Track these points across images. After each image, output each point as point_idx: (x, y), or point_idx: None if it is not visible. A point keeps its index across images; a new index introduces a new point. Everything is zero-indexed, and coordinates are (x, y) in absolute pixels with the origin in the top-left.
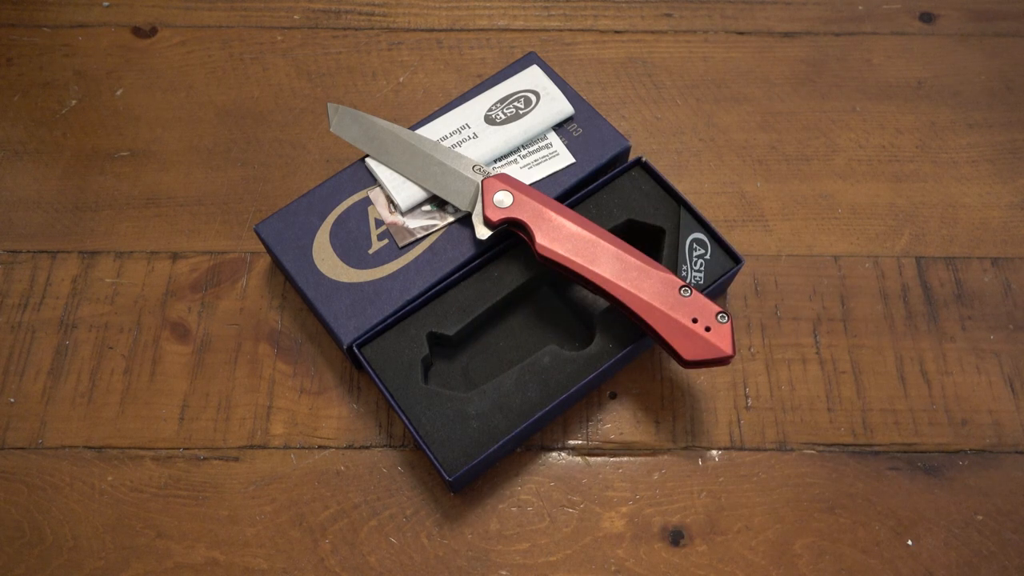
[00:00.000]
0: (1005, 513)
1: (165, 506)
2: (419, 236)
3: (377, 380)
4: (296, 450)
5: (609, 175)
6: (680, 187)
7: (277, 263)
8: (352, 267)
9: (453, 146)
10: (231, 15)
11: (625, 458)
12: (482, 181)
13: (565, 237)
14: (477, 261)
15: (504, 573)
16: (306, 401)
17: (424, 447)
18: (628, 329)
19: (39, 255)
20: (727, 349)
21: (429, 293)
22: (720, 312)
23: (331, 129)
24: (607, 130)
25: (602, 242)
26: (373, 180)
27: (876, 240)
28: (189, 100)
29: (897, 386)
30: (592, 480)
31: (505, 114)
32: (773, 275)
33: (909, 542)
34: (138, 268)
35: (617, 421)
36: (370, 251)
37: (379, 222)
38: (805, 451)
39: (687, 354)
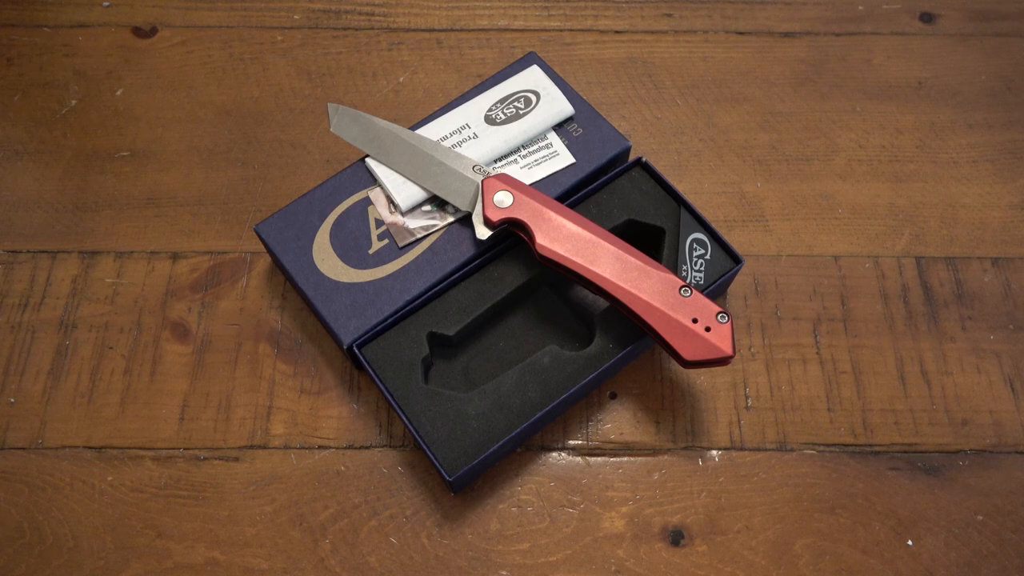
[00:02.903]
0: (1005, 513)
1: (165, 506)
2: (419, 236)
3: (377, 380)
4: (296, 450)
5: (609, 175)
6: (680, 187)
7: (277, 263)
8: (352, 267)
9: (453, 146)
10: (231, 15)
11: (625, 458)
12: (482, 181)
13: (565, 237)
14: (477, 261)
15: (504, 573)
16: (306, 401)
17: (424, 447)
18: (628, 329)
19: (39, 255)
20: (727, 349)
21: (429, 293)
22: (720, 312)
23: (331, 129)
24: (607, 130)
25: (602, 242)
26: (373, 180)
27: (876, 240)
28: (189, 100)
29: (897, 386)
30: (592, 480)
31: (505, 114)
32: (773, 275)
33: (909, 542)
34: (138, 268)
35: (617, 421)
36: (370, 251)
37: (379, 222)
38: (805, 451)
39: (687, 354)
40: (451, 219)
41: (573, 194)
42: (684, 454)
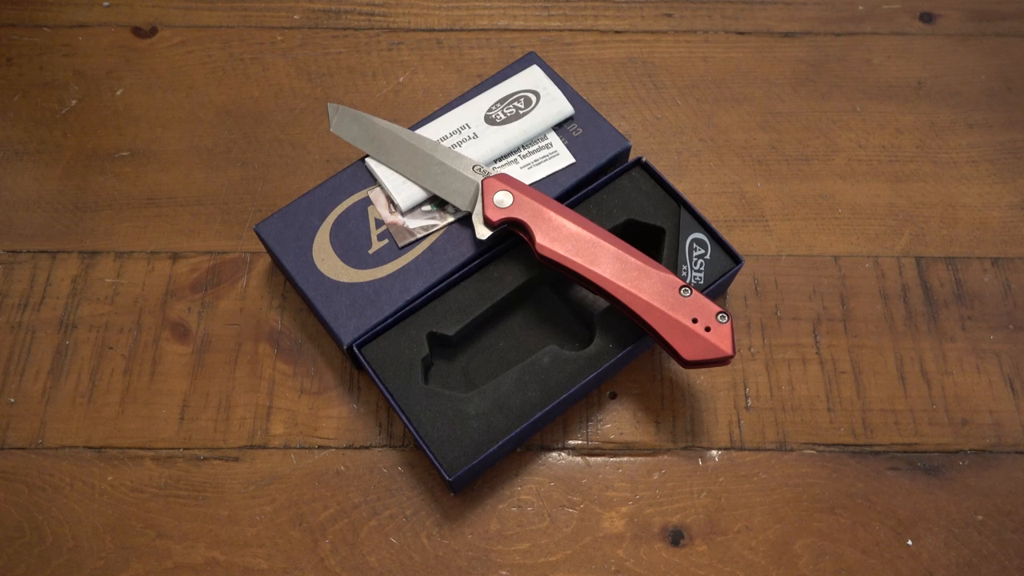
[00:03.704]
0: (1005, 513)
1: (165, 506)
2: (419, 236)
3: (377, 380)
4: (296, 450)
5: (609, 175)
6: (680, 187)
7: (277, 263)
8: (352, 267)
9: (453, 146)
10: (231, 15)
11: (625, 458)
12: (482, 181)
13: (565, 237)
14: (477, 261)
15: (504, 573)
16: (306, 401)
17: (424, 447)
18: (628, 329)
19: (39, 255)
20: (727, 349)
21: (429, 293)
22: (720, 312)
23: (331, 129)
24: (607, 130)
25: (602, 242)
26: (373, 180)
27: (876, 240)
28: (189, 100)
29: (897, 386)
30: (592, 480)
31: (505, 114)
32: (773, 275)
33: (909, 542)
34: (138, 268)
35: (617, 421)
36: (370, 251)
37: (379, 222)
38: (805, 451)
39: (687, 354)
40: (451, 219)
41: (573, 194)
42: (684, 454)
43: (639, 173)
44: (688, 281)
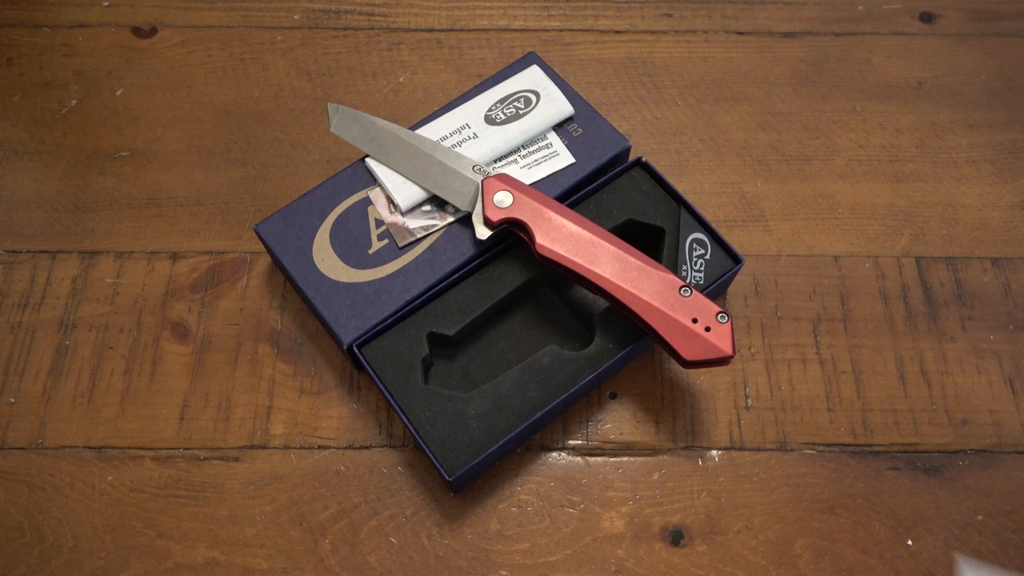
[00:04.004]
0: (1005, 513)
1: (165, 506)
2: (419, 236)
3: (377, 380)
4: (296, 450)
5: (609, 175)
6: (680, 187)
7: (277, 263)
8: (352, 267)
9: (453, 146)
10: (231, 15)
11: (625, 458)
12: (482, 181)
13: (565, 237)
14: (477, 261)
15: (504, 573)
16: (306, 401)
17: (424, 447)
18: (628, 329)
19: (39, 255)
20: (727, 349)
21: (429, 293)
22: (720, 312)
23: (331, 129)
24: (607, 130)
25: (602, 242)
26: (373, 180)
27: (876, 240)
28: (189, 100)
29: (897, 386)
30: (592, 480)
31: (505, 114)
32: (773, 275)
33: (909, 542)
34: (138, 268)
35: (617, 421)
36: (370, 251)
37: (379, 222)
38: (805, 451)
39: (687, 354)
40: (451, 219)
41: (573, 194)
42: (684, 454)
43: (639, 173)
44: (688, 281)
